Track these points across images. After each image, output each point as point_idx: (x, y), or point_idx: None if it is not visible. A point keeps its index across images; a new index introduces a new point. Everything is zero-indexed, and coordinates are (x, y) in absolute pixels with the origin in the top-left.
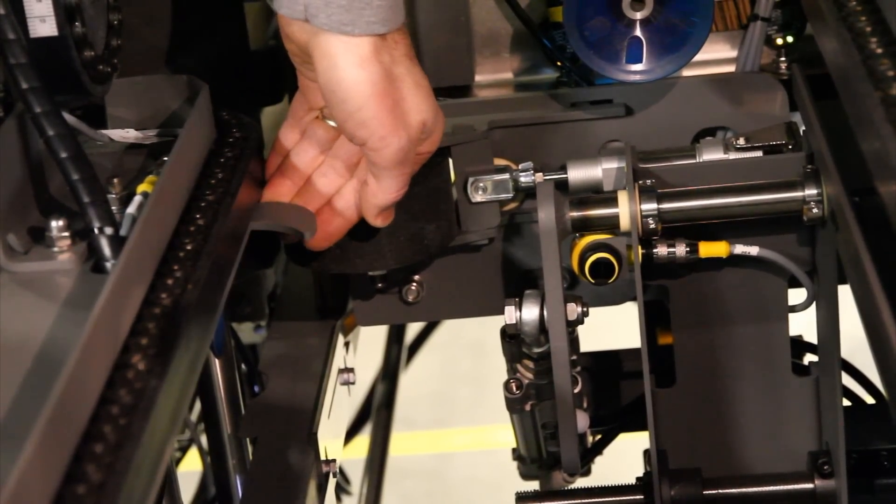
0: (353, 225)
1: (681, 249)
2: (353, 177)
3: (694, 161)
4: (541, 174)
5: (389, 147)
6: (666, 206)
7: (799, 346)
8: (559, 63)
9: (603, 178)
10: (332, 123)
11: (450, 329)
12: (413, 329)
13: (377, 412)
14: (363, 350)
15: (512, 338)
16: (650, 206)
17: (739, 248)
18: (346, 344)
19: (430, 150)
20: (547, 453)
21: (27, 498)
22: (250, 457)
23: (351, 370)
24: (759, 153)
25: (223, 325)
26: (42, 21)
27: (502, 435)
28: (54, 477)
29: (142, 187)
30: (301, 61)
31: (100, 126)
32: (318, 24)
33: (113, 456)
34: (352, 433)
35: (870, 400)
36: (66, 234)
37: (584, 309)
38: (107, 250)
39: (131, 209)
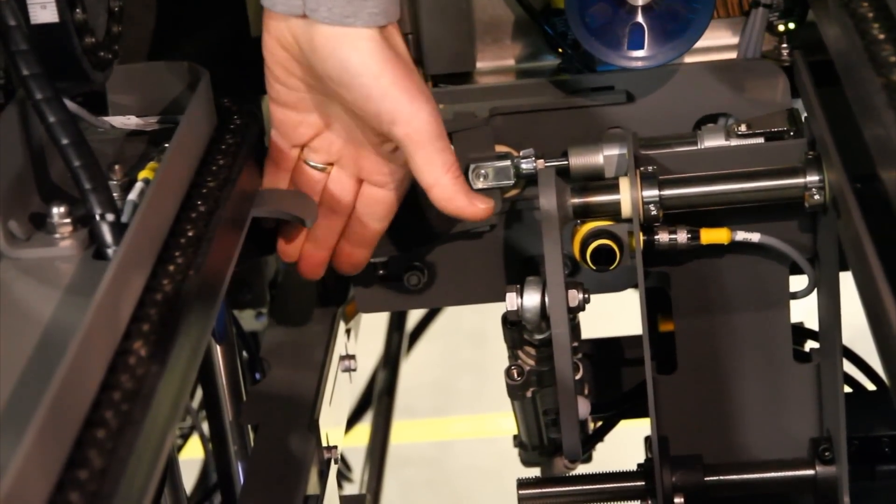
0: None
1: (682, 236)
2: (355, 211)
3: (695, 148)
4: (542, 161)
5: (421, 113)
6: (667, 192)
7: (800, 332)
8: (560, 50)
9: (604, 164)
10: (316, 165)
11: (450, 317)
12: (414, 317)
13: (378, 400)
14: (364, 337)
15: (513, 324)
16: (651, 193)
17: (741, 235)
18: (348, 331)
19: None
20: (548, 440)
21: (29, 483)
22: (252, 443)
23: (352, 357)
24: (761, 140)
25: (224, 311)
26: (42, 7)
27: (503, 423)
28: (56, 462)
29: (143, 174)
30: (284, 73)
31: (101, 113)
32: (318, 17)
33: (115, 442)
34: (353, 421)
35: (871, 386)
36: (68, 220)
37: (586, 296)
38: (108, 237)
39: (132, 196)
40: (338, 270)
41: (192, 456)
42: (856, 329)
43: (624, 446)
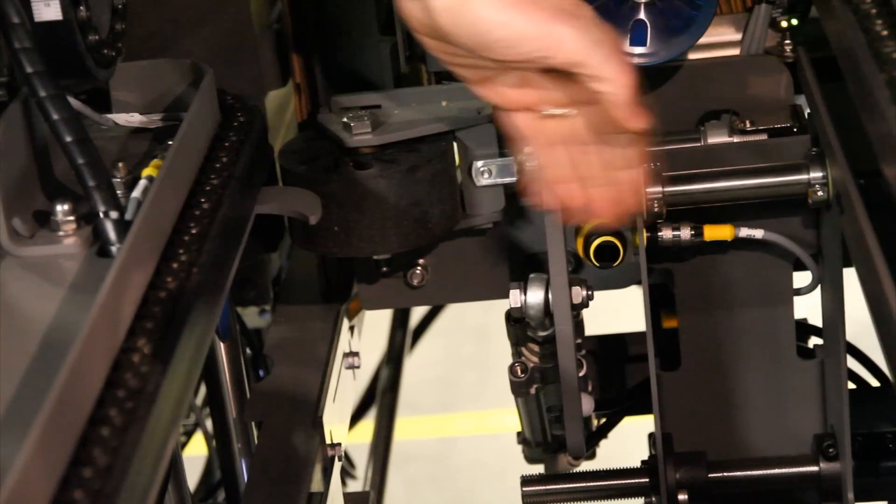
0: (352, 211)
1: (686, 233)
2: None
3: (699, 144)
4: None
5: (566, 35)
6: (671, 189)
7: (804, 329)
8: None
9: None
10: (556, 112)
11: (453, 314)
12: (417, 314)
13: (382, 396)
14: (368, 334)
15: (517, 321)
16: (655, 190)
17: (744, 232)
18: (351, 328)
19: None
20: (552, 437)
21: (33, 481)
22: (256, 441)
23: (356, 354)
24: (764, 136)
25: (228, 309)
26: (46, 5)
27: (507, 419)
28: (60, 460)
29: (147, 171)
30: (444, 55)
31: (104, 110)
32: None
33: (119, 439)
34: (356, 417)
35: (875, 383)
36: (72, 218)
37: (589, 292)
38: (112, 234)
39: (136, 193)
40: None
41: (195, 453)
42: (859, 325)
43: (628, 443)
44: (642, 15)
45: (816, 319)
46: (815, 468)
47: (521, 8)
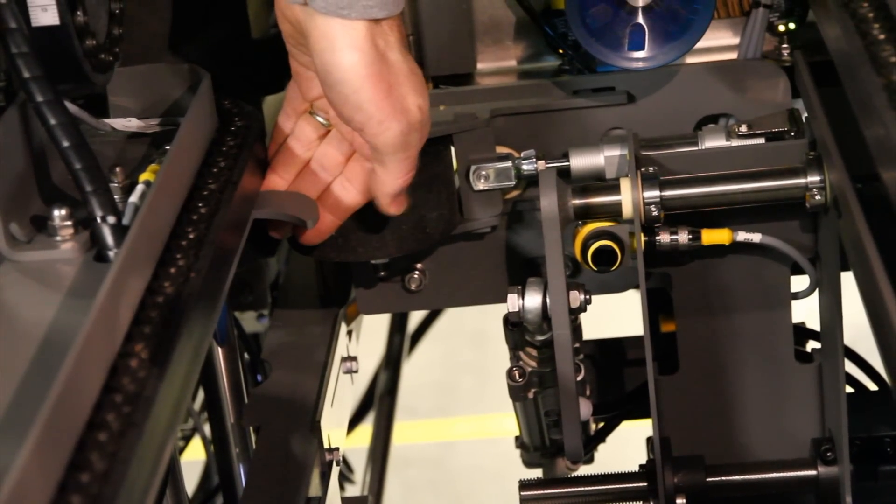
0: (350, 216)
1: (683, 237)
2: (341, 174)
3: (696, 148)
4: (543, 162)
5: (389, 131)
6: (668, 193)
7: (802, 332)
8: (561, 51)
9: (605, 165)
10: (320, 120)
11: (452, 318)
12: (415, 318)
13: (380, 401)
14: (366, 339)
15: (515, 326)
16: (652, 194)
17: (742, 236)
18: (349, 332)
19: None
20: (550, 441)
21: (31, 486)
22: (253, 446)
23: (354, 359)
24: (762, 140)
25: (226, 313)
26: (44, 10)
27: (505, 423)
28: (58, 465)
29: (144, 176)
30: (295, 43)
31: (102, 115)
32: (316, 7)
33: (116, 444)
34: (355, 422)
35: (873, 387)
36: (69, 223)
37: (587, 297)
38: (109, 239)
39: (134, 198)
40: (300, 233)
41: (193, 458)
42: (857, 329)
43: (626, 447)
44: (640, 19)
45: (814, 323)
46: (813, 472)
47: (376, 86)
